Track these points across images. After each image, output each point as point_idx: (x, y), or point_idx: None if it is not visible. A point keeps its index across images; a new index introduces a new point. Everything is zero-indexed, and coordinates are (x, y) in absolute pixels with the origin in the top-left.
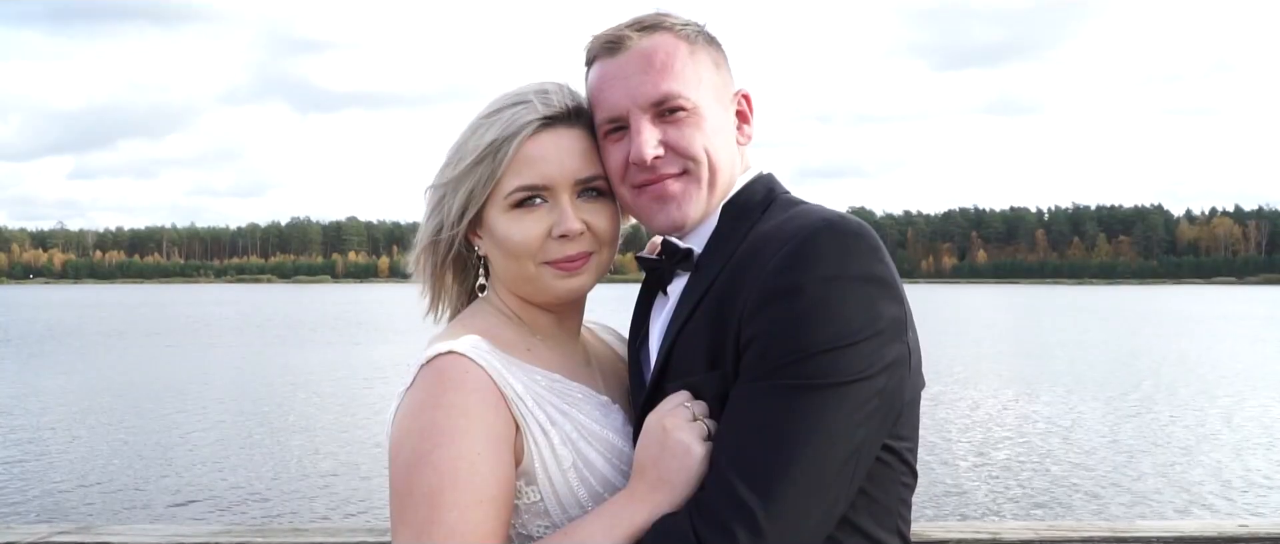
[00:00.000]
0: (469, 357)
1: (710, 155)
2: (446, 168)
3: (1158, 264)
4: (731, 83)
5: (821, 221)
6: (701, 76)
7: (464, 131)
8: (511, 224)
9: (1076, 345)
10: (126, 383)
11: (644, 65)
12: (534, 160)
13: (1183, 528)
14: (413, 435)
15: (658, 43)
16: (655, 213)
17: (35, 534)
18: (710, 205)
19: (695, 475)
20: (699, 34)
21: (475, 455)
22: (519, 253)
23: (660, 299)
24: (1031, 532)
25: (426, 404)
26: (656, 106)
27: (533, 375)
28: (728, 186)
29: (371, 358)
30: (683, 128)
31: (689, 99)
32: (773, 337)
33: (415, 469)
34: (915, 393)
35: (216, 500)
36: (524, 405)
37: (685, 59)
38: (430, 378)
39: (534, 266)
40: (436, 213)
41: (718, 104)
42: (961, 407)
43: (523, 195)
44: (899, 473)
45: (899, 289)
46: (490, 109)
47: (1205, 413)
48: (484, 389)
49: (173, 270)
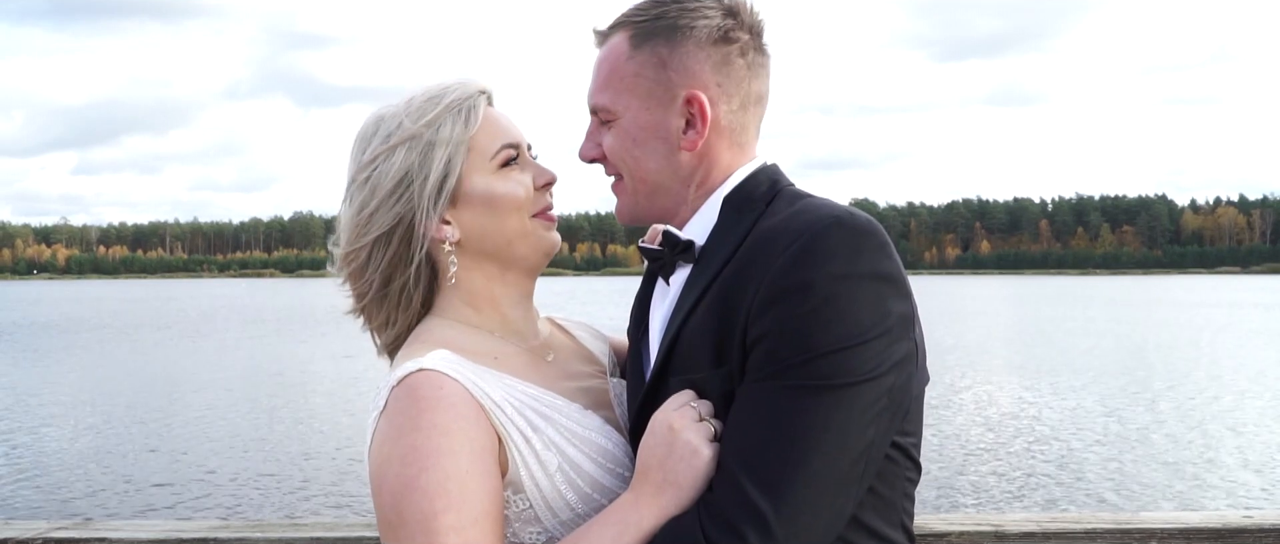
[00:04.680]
0: (441, 371)
1: (631, 167)
2: (392, 147)
3: (1162, 254)
4: (685, 81)
5: (831, 218)
6: (638, 84)
7: (391, 117)
8: (504, 181)
9: (1080, 336)
10: (124, 378)
11: (595, 69)
12: (500, 120)
13: (1187, 519)
14: (395, 462)
15: (608, 47)
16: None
17: (33, 530)
18: (652, 210)
19: (703, 476)
20: (657, 25)
21: (464, 474)
22: (519, 205)
23: (661, 289)
24: (1034, 523)
25: (405, 428)
26: (594, 114)
27: (506, 383)
28: (671, 195)
29: (372, 350)
30: (610, 137)
31: (614, 110)
32: (782, 335)
33: (404, 497)
34: (921, 388)
35: (214, 495)
36: (503, 414)
37: (624, 65)
38: (404, 400)
39: (529, 220)
40: (395, 198)
41: (651, 110)
42: (964, 398)
43: (511, 153)
44: (904, 468)
45: (906, 285)
46: (424, 94)
47: (1210, 403)
48: (462, 404)
49: (176, 265)
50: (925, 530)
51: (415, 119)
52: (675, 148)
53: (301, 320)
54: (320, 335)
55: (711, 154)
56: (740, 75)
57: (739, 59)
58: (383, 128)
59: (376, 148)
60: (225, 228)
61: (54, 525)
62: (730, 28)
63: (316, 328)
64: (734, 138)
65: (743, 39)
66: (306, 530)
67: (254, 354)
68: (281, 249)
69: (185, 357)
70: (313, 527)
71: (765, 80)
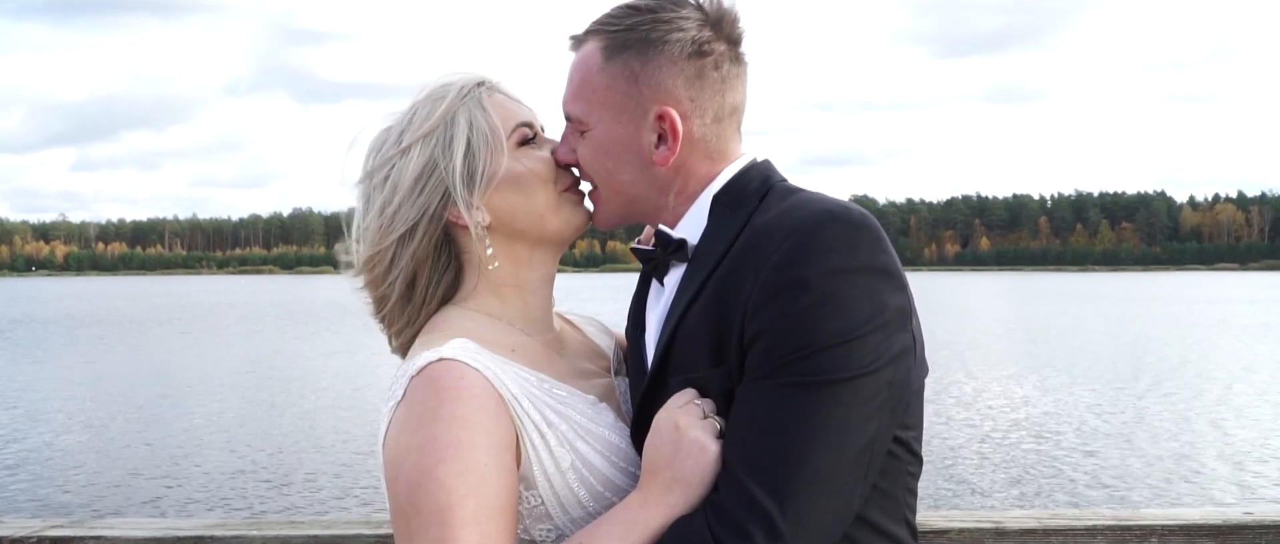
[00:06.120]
0: (462, 361)
1: (604, 179)
2: (407, 147)
3: (1161, 250)
4: (656, 97)
5: (824, 213)
6: (609, 97)
7: (399, 124)
8: (525, 159)
9: (1080, 332)
10: (121, 375)
11: (568, 76)
12: (511, 102)
13: (1187, 516)
14: (413, 452)
15: (582, 55)
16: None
17: (27, 529)
18: (630, 217)
19: (711, 473)
20: (630, 37)
21: (483, 467)
22: (545, 178)
23: (656, 289)
24: (1034, 520)
25: (424, 418)
26: (568, 122)
27: (523, 376)
28: (649, 203)
29: (371, 347)
30: (584, 148)
31: (586, 121)
32: (779, 333)
33: (421, 488)
34: (920, 381)
35: (210, 493)
36: (520, 407)
37: (596, 76)
38: (424, 390)
39: (557, 193)
40: (417, 192)
41: (623, 124)
42: (965, 394)
43: (527, 132)
44: (906, 462)
45: (902, 278)
46: (428, 95)
47: (1210, 399)
48: (483, 395)
49: (175, 262)
50: (925, 527)
51: (426, 116)
52: (648, 162)
53: (300, 317)
54: (319, 332)
55: (687, 166)
56: (714, 89)
57: (713, 72)
58: (392, 134)
59: (390, 150)
60: (224, 224)
61: (49, 523)
62: (706, 41)
63: (315, 325)
64: (708, 149)
65: (718, 51)
66: (304, 528)
67: (252, 351)
68: (281, 245)
69: (183, 354)
70: (310, 524)
71: (741, 90)
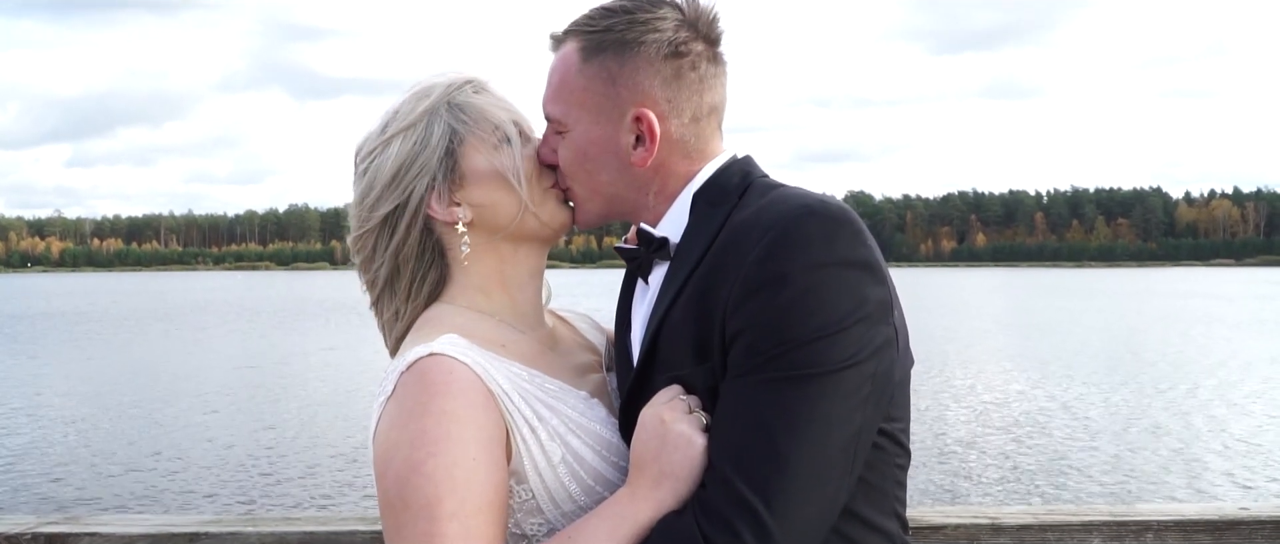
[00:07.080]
0: (453, 356)
1: (583, 179)
2: (388, 139)
3: (1156, 246)
4: (634, 98)
5: (803, 207)
6: (587, 99)
7: (385, 116)
8: (507, 157)
9: (1076, 328)
10: (116, 371)
11: (548, 76)
12: (497, 101)
13: (1183, 511)
14: (402, 447)
15: (561, 56)
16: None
17: (22, 525)
18: (611, 216)
19: (699, 466)
20: (607, 38)
21: (472, 461)
22: (528, 175)
23: (641, 287)
24: (1031, 516)
25: (414, 412)
26: (548, 123)
27: (513, 371)
28: (629, 202)
29: (367, 342)
30: (564, 149)
31: (565, 122)
32: (760, 328)
33: (409, 482)
34: (905, 372)
35: (206, 489)
36: (510, 402)
37: (573, 77)
38: (414, 384)
39: (541, 191)
40: (395, 184)
41: (601, 125)
42: (961, 390)
43: (513, 130)
44: (893, 455)
45: (883, 271)
46: (414, 91)
47: (1205, 395)
48: (473, 390)
49: (171, 258)
50: (921, 523)
51: (409, 110)
52: (626, 163)
53: (296, 313)
54: (314, 328)
55: (666, 166)
56: (692, 89)
57: (691, 73)
58: (378, 126)
59: (372, 143)
60: (220, 220)
61: (44, 520)
62: (683, 41)
63: (311, 321)
64: (687, 149)
65: (695, 51)
66: (299, 525)
67: (248, 347)
68: (276, 242)
69: (178, 350)
70: (306, 521)
71: (721, 90)
